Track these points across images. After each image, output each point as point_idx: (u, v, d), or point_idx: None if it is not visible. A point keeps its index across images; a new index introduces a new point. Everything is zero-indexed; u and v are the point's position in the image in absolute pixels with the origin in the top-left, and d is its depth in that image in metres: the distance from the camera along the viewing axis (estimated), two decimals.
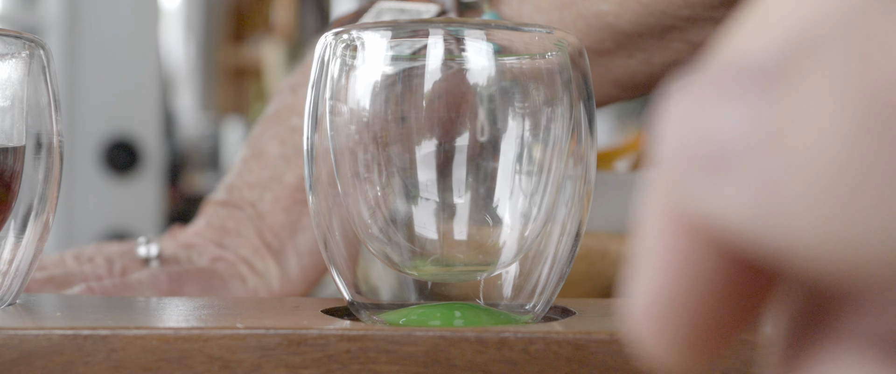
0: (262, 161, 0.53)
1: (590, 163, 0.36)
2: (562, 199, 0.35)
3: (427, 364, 0.32)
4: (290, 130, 0.53)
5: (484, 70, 0.34)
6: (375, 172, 0.34)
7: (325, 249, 0.36)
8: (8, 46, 0.37)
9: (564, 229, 0.36)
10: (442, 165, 0.34)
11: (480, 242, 0.35)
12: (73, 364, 0.32)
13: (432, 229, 0.34)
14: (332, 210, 0.36)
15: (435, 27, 0.34)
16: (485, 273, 0.36)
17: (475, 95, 0.34)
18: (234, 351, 0.32)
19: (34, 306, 0.38)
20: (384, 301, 0.36)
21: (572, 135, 0.35)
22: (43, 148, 0.38)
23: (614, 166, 0.64)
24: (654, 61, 0.53)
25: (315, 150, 0.36)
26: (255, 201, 0.52)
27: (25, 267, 0.38)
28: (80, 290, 0.46)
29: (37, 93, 0.38)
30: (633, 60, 0.52)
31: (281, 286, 0.51)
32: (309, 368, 0.32)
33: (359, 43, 0.35)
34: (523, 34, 0.35)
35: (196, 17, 3.76)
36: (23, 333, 0.32)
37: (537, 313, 0.36)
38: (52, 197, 0.38)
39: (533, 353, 0.32)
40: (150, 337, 0.32)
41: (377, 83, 0.34)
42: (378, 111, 0.34)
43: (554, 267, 0.36)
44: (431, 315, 0.35)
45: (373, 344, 0.32)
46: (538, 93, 0.35)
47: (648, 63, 0.53)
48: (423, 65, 0.34)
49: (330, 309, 0.37)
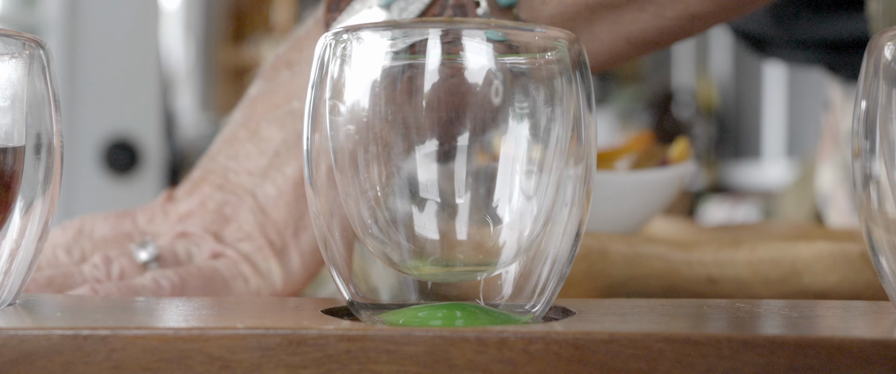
0: (260, 146, 0.51)
1: (590, 163, 0.36)
2: (562, 199, 0.35)
3: (427, 364, 0.32)
4: (291, 114, 0.51)
5: (484, 70, 0.34)
6: (375, 172, 0.34)
7: (324, 249, 0.36)
8: (8, 46, 0.37)
9: (564, 229, 0.36)
10: (442, 164, 0.34)
11: (480, 242, 0.35)
12: (73, 364, 0.32)
13: (432, 229, 0.34)
14: (332, 210, 0.36)
15: (435, 27, 0.34)
16: (485, 273, 0.36)
17: (475, 94, 0.34)
18: (234, 351, 0.32)
19: (34, 306, 0.38)
20: (384, 301, 0.36)
21: (572, 135, 0.35)
22: (43, 148, 0.38)
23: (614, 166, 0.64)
24: (665, 15, 0.51)
25: (315, 150, 0.36)
26: (254, 191, 0.50)
27: (25, 267, 0.38)
28: (81, 293, 0.46)
29: (37, 93, 0.38)
30: (645, 14, 0.51)
31: (283, 287, 0.50)
32: (309, 368, 0.32)
33: (358, 43, 0.35)
34: (524, 34, 0.35)
35: (196, 18, 3.76)
36: (23, 333, 0.32)
37: (537, 313, 0.36)
38: (52, 197, 0.38)
39: (533, 353, 0.32)
40: (150, 337, 0.32)
41: (377, 83, 0.34)
42: (377, 111, 0.34)
43: (554, 267, 0.36)
44: (431, 315, 0.35)
45: (373, 344, 0.32)
46: (538, 93, 0.35)
47: (660, 17, 0.52)
48: (423, 64, 0.34)
49: (330, 309, 0.37)
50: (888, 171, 0.36)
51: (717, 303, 0.40)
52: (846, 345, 0.31)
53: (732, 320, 0.36)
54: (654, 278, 0.50)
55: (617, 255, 0.50)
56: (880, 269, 0.37)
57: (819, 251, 0.49)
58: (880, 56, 0.36)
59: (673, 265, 0.50)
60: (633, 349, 0.32)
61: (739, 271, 0.50)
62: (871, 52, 0.36)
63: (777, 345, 0.31)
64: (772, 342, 0.32)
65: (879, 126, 0.36)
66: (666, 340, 0.32)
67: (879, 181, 0.36)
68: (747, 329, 0.34)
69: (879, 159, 0.36)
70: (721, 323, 0.35)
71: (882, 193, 0.36)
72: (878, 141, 0.36)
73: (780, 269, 0.49)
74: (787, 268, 0.49)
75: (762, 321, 0.36)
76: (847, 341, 0.31)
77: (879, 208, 0.36)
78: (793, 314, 0.37)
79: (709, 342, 0.32)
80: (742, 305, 0.39)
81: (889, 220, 0.36)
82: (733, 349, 0.31)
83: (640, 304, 0.39)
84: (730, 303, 0.40)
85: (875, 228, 0.36)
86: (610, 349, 0.32)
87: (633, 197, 0.61)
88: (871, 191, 0.36)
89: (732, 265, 0.50)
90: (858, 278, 0.49)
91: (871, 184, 0.36)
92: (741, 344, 0.32)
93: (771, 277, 0.49)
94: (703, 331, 0.32)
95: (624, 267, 0.50)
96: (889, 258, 0.36)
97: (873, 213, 0.36)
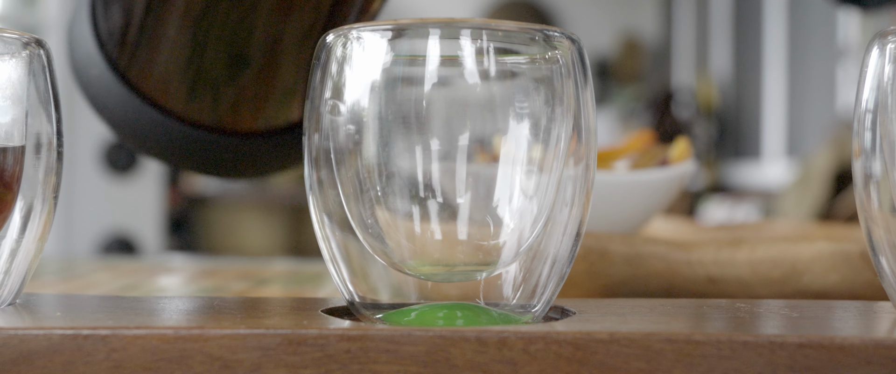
0: None
1: (590, 163, 0.36)
2: (562, 199, 0.35)
3: (427, 364, 0.32)
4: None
5: (484, 70, 0.34)
6: (375, 172, 0.34)
7: (325, 249, 0.36)
8: (8, 46, 0.37)
9: (564, 229, 0.36)
10: (442, 164, 0.34)
11: (480, 242, 0.35)
12: (73, 364, 0.32)
13: (432, 229, 0.34)
14: (331, 210, 0.36)
15: (435, 27, 0.34)
16: (485, 273, 0.36)
17: (475, 94, 0.34)
18: (234, 351, 0.32)
19: (34, 306, 0.38)
20: (384, 301, 0.36)
21: (572, 135, 0.35)
22: (43, 148, 0.38)
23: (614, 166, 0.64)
24: None
25: (315, 150, 0.36)
26: None
27: (25, 267, 0.38)
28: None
29: (37, 93, 0.38)
30: None
31: None
32: (309, 368, 0.32)
33: (359, 43, 0.35)
34: (524, 33, 0.35)
35: None
36: (23, 333, 0.32)
37: (537, 313, 0.36)
38: (52, 197, 0.38)
39: (533, 353, 0.32)
40: (150, 337, 0.32)
41: (377, 83, 0.34)
42: (378, 111, 0.34)
43: (554, 267, 0.36)
44: (432, 315, 0.35)
45: (373, 344, 0.32)
46: (538, 93, 0.35)
47: None
48: (423, 65, 0.34)
49: (330, 309, 0.37)
50: (888, 171, 0.36)
51: (717, 303, 0.40)
52: (846, 345, 0.31)
53: (732, 320, 0.36)
54: (654, 278, 0.50)
55: (617, 255, 0.50)
56: (880, 269, 0.37)
57: (819, 251, 0.49)
58: (882, 55, 0.36)
59: (673, 265, 0.50)
60: (633, 349, 0.32)
61: (739, 271, 0.50)
62: (872, 51, 0.36)
63: (777, 345, 0.31)
64: (772, 342, 0.32)
65: (880, 126, 0.36)
66: (666, 340, 0.32)
67: (879, 181, 0.36)
68: (747, 329, 0.34)
69: (879, 159, 0.36)
70: (721, 323, 0.35)
71: (882, 193, 0.36)
72: (878, 141, 0.36)
73: (780, 269, 0.49)
74: (787, 268, 0.49)
75: (762, 320, 0.36)
76: (847, 341, 0.31)
77: (879, 208, 0.36)
78: (793, 314, 0.37)
79: (709, 342, 0.32)
80: (742, 305, 0.39)
81: (889, 220, 0.36)
82: (733, 349, 0.32)
83: (640, 304, 0.39)
84: (730, 303, 0.40)
85: (875, 228, 0.36)
86: (610, 349, 0.32)
87: (633, 197, 0.61)
88: (871, 191, 0.36)
89: (732, 265, 0.50)
90: (858, 278, 0.49)
91: (871, 184, 0.36)
92: (741, 344, 0.32)
93: (771, 277, 0.49)
94: (704, 331, 0.32)
95: (624, 267, 0.50)
96: (889, 258, 0.36)
97: (873, 213, 0.36)
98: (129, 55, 0.52)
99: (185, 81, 0.52)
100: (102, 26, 0.53)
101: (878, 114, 0.36)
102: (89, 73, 0.54)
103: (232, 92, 0.52)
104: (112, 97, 0.53)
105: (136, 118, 0.53)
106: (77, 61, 0.55)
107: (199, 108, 0.52)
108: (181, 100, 0.52)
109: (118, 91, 0.52)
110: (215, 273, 0.77)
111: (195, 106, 0.52)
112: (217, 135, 0.53)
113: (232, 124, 0.53)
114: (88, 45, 0.53)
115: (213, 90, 0.52)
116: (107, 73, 0.52)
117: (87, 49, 0.53)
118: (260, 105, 0.53)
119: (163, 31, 0.51)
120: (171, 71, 0.52)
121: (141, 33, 0.52)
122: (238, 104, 0.53)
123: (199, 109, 0.52)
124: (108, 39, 0.53)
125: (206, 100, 0.53)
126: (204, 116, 0.52)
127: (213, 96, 0.52)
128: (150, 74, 0.52)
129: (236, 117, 0.53)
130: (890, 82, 0.36)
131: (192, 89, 0.52)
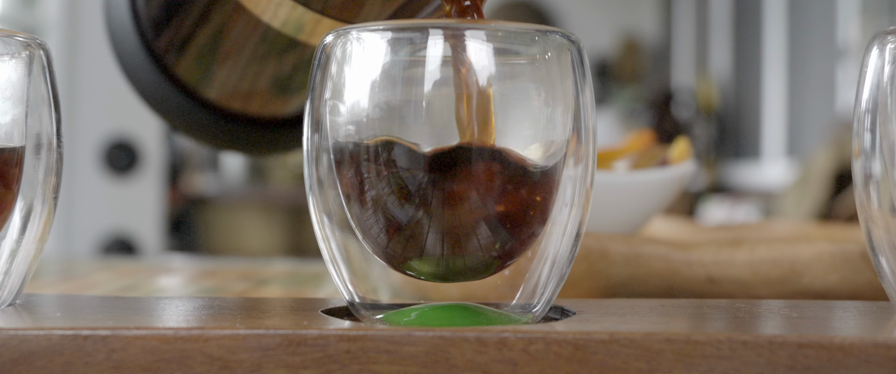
0: None
1: (590, 163, 0.36)
2: (562, 199, 0.35)
3: (427, 364, 0.32)
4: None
5: (484, 70, 0.34)
6: (375, 172, 0.34)
7: (325, 249, 0.36)
8: (8, 46, 0.37)
9: (564, 229, 0.36)
10: (442, 164, 0.34)
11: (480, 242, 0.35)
12: (73, 364, 0.32)
13: (433, 229, 0.34)
14: (331, 210, 0.36)
15: (435, 27, 0.34)
16: (485, 273, 0.36)
17: (475, 94, 0.34)
18: (234, 351, 0.32)
19: (34, 306, 0.38)
20: (384, 301, 0.36)
21: (572, 135, 0.35)
22: (43, 148, 0.38)
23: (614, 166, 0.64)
24: None
25: (315, 149, 0.36)
26: None
27: (25, 267, 0.38)
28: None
29: (37, 93, 0.38)
30: None
31: None
32: (309, 368, 0.32)
33: (358, 43, 0.35)
34: (524, 34, 0.35)
35: None
36: (23, 333, 0.32)
37: (537, 313, 0.36)
38: (52, 198, 0.38)
39: (533, 353, 0.32)
40: (150, 337, 0.32)
41: (377, 83, 0.34)
42: (378, 111, 0.34)
43: (554, 267, 0.36)
44: (432, 316, 0.35)
45: (373, 344, 0.32)
46: (538, 93, 0.35)
47: None
48: (423, 65, 0.34)
49: (330, 309, 0.37)
50: (888, 171, 0.36)
51: (717, 303, 0.40)
52: (846, 345, 0.31)
53: (732, 320, 0.36)
54: (654, 278, 0.50)
55: (617, 255, 0.50)
56: (880, 269, 0.37)
57: (819, 251, 0.49)
58: (881, 55, 0.36)
59: (673, 265, 0.50)
60: (633, 349, 0.32)
61: (739, 271, 0.50)
62: (872, 52, 0.36)
63: (777, 345, 0.31)
64: (772, 342, 0.32)
65: (879, 126, 0.36)
66: (666, 340, 0.32)
67: (879, 182, 0.36)
68: (747, 329, 0.34)
69: (879, 160, 0.36)
70: (721, 323, 0.35)
71: (882, 193, 0.36)
72: (877, 141, 0.36)
73: (780, 269, 0.49)
74: (787, 268, 0.49)
75: (762, 320, 0.36)
76: (847, 341, 0.31)
77: (879, 208, 0.36)
78: (793, 314, 0.37)
79: (709, 342, 0.32)
80: (742, 305, 0.39)
81: (889, 220, 0.36)
82: (733, 349, 0.32)
83: (640, 304, 0.39)
84: (730, 303, 0.40)
85: (875, 228, 0.36)
86: (610, 349, 0.32)
87: (633, 197, 0.61)
88: (871, 191, 0.36)
89: (732, 265, 0.50)
90: (858, 278, 0.49)
91: (870, 184, 0.36)
92: (741, 344, 0.32)
93: (771, 277, 0.49)
94: (703, 331, 0.32)
95: (624, 267, 0.50)
96: (889, 258, 0.36)
97: (873, 213, 0.36)
98: (163, 35, 0.52)
99: (222, 72, 0.52)
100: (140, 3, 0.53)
101: (878, 114, 0.36)
102: (122, 47, 0.54)
103: (266, 83, 0.52)
104: (144, 76, 0.53)
105: (164, 98, 0.53)
106: (111, 27, 0.55)
107: (231, 98, 0.53)
108: (214, 89, 0.52)
109: (155, 78, 0.53)
110: (215, 274, 0.77)
111: (229, 98, 0.53)
112: (247, 125, 0.53)
113: (259, 112, 0.53)
114: (123, 16, 0.54)
115: (250, 82, 0.52)
116: (139, 50, 0.53)
117: (122, 19, 0.54)
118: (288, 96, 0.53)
119: (200, 18, 0.51)
120: (208, 62, 0.52)
121: (176, 13, 0.52)
122: (267, 96, 0.53)
123: (231, 99, 0.53)
124: (144, 15, 0.53)
125: (240, 90, 0.52)
126: (235, 105, 0.53)
127: (249, 87, 0.52)
128: (182, 59, 0.52)
129: (264, 107, 0.53)
130: (889, 83, 0.36)
131: (225, 79, 0.52)
